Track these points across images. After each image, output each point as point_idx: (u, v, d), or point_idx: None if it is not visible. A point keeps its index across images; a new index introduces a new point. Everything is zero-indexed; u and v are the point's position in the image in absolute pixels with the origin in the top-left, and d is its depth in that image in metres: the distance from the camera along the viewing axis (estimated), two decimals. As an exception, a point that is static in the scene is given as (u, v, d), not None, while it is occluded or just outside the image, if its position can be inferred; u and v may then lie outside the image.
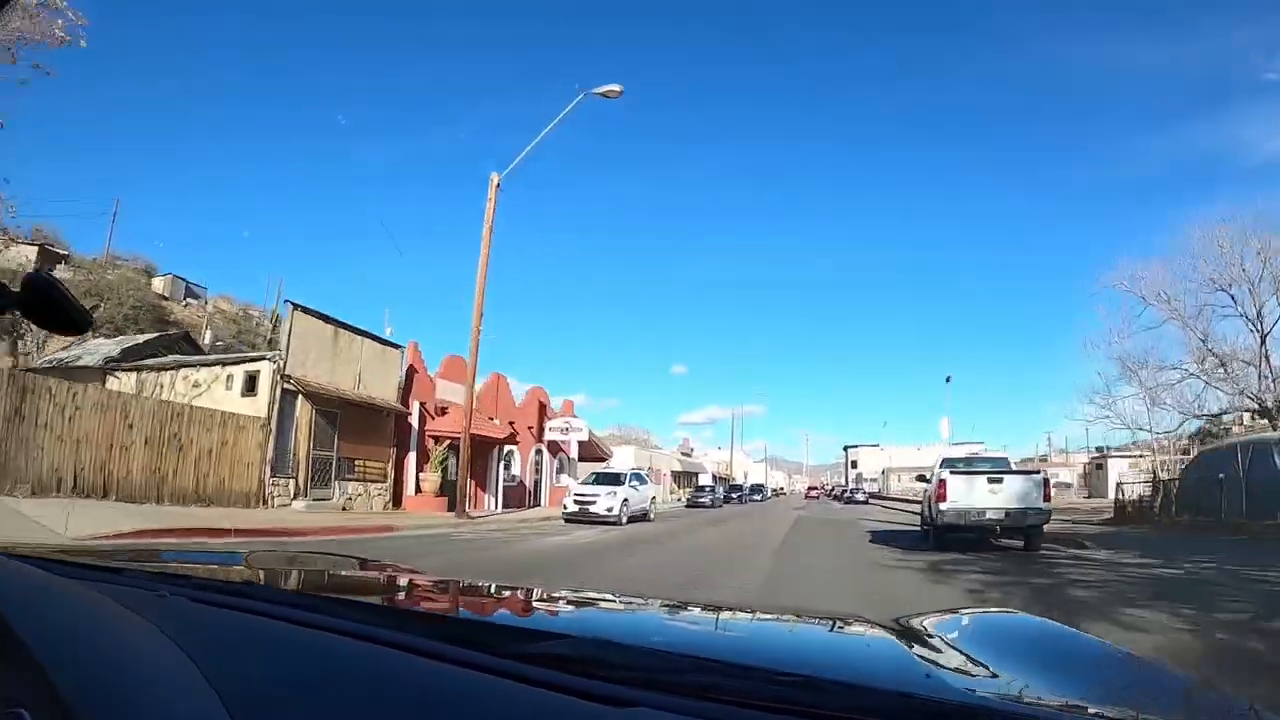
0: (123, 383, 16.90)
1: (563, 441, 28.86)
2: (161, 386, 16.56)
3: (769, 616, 1.24)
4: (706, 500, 36.69)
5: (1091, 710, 0.66)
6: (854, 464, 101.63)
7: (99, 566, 1.03)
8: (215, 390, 16.06)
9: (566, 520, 18.62)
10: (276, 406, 15.63)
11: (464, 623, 0.98)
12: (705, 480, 60.83)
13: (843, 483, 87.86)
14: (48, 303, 0.94)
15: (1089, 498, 37.67)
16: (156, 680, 0.61)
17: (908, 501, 42.61)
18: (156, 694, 0.59)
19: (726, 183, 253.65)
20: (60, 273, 23.59)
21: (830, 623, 1.13)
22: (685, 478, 53.46)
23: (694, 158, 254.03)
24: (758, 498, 56.02)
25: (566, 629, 0.97)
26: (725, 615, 1.26)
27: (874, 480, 70.79)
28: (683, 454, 58.06)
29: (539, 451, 27.79)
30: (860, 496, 50.38)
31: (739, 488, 51.56)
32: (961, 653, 0.84)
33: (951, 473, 11.29)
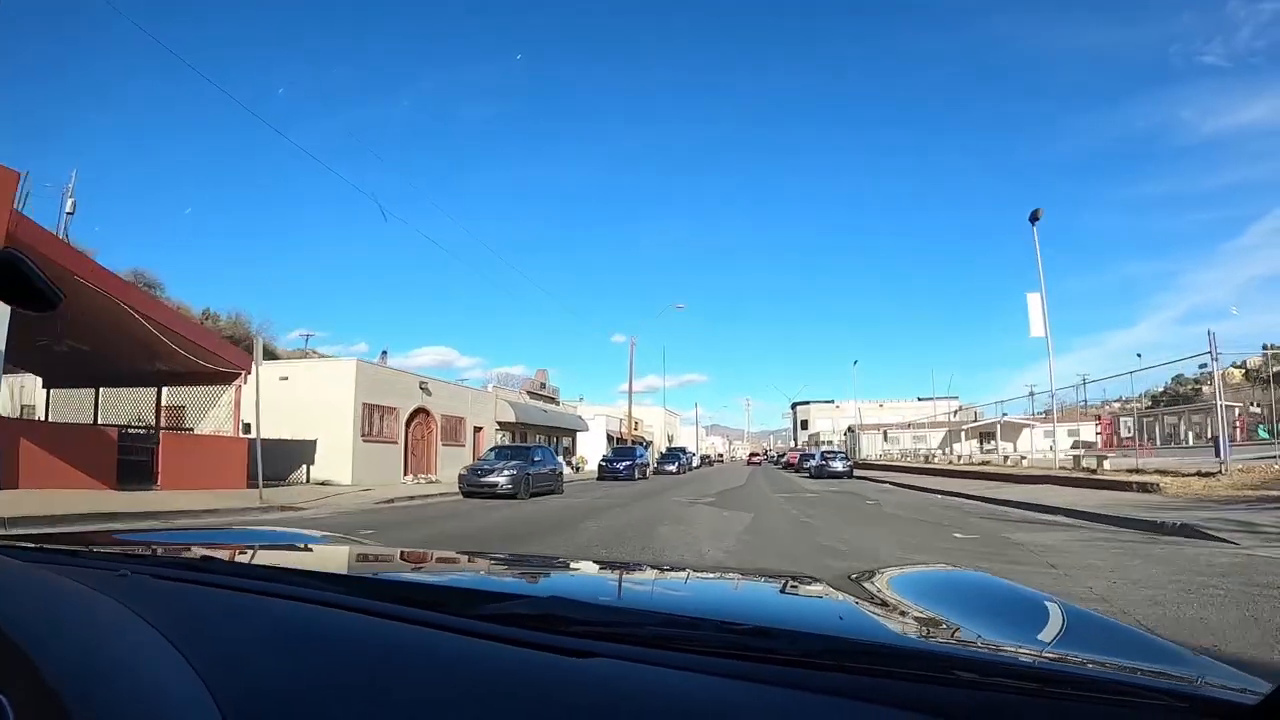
0: None
1: None
2: None
3: (716, 575, 1.42)
4: (499, 480, 14.22)
5: (1024, 650, 0.69)
6: (804, 424, 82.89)
7: (58, 549, 1.05)
8: None
9: None
10: None
11: (424, 587, 1.00)
12: (591, 440, 38.33)
13: (795, 445, 67.32)
14: (17, 279, 0.94)
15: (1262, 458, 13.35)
16: (129, 655, 0.62)
17: (950, 476, 21.75)
18: (131, 668, 0.60)
19: (663, 155, 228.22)
20: None
21: (781, 580, 1.16)
22: (546, 437, 30.97)
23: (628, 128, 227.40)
24: (671, 468, 34.02)
25: (523, 590, 1.00)
26: (677, 575, 1.40)
27: (829, 443, 51.04)
28: (530, 394, 32.82)
29: None
30: (839, 465, 29.24)
31: (628, 452, 28.27)
32: (908, 604, 0.90)
33: None
